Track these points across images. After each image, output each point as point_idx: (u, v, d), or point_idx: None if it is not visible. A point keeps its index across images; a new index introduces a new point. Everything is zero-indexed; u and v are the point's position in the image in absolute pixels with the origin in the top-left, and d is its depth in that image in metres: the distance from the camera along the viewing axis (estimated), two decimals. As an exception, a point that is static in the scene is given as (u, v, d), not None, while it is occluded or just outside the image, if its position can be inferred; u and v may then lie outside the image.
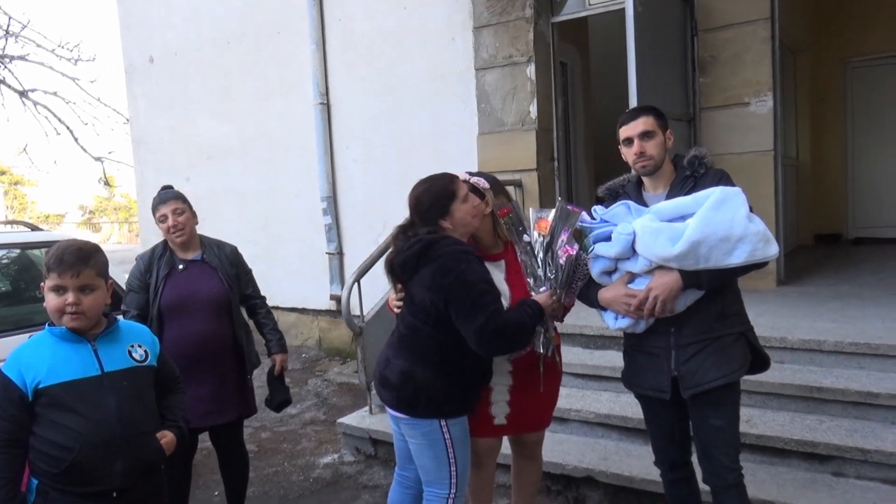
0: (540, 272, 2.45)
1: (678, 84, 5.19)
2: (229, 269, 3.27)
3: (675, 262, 2.22)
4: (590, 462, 3.50)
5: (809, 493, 3.02)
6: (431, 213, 2.44)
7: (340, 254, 6.84)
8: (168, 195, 3.21)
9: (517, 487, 2.94)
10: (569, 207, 2.41)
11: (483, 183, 2.65)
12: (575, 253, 2.36)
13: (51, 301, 2.00)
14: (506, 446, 2.91)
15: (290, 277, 7.19)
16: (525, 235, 2.51)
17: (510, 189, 5.50)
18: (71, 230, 27.91)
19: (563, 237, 2.38)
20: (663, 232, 2.23)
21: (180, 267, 3.15)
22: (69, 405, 1.95)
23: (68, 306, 1.98)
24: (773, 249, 2.22)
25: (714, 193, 2.22)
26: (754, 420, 3.43)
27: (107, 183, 15.84)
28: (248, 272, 3.46)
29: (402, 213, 2.86)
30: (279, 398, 3.44)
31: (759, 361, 2.47)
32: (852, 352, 3.62)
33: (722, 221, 2.17)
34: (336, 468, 4.19)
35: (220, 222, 7.72)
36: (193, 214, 3.24)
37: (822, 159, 8.16)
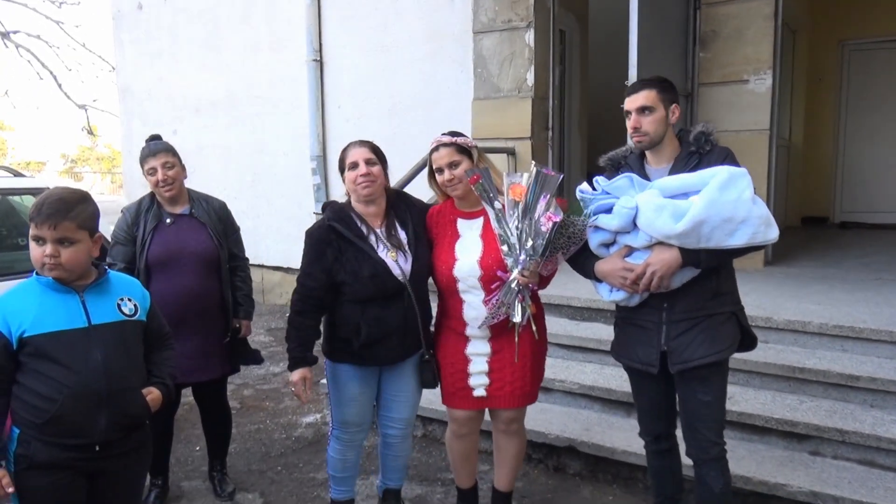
0: (514, 240, 2.39)
1: (678, 58, 5.13)
2: (218, 224, 3.20)
3: (676, 239, 2.21)
4: (572, 432, 3.52)
5: (787, 471, 3.06)
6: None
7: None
8: (158, 147, 3.12)
9: (497, 462, 2.95)
10: (545, 171, 2.33)
11: (470, 142, 2.66)
12: (559, 220, 2.32)
13: (32, 251, 1.96)
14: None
15: (276, 236, 7.12)
16: (496, 202, 2.45)
17: (502, 157, 5.46)
18: (52, 178, 27.46)
19: (543, 203, 2.33)
20: (667, 208, 2.21)
21: (168, 221, 3.08)
22: (54, 356, 1.92)
23: (46, 258, 1.93)
24: (773, 233, 2.23)
25: (720, 173, 2.20)
26: (736, 397, 3.46)
27: (90, 132, 15.55)
28: (237, 230, 3.39)
29: (393, 175, 2.83)
30: (247, 359, 3.40)
31: (747, 341, 2.48)
32: (836, 334, 3.65)
33: (727, 202, 2.16)
34: (318, 428, 4.20)
35: (206, 177, 7.59)
36: (183, 168, 3.16)
37: (813, 141, 8.16)
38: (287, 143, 7.02)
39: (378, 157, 2.67)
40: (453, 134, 2.66)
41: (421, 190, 4.95)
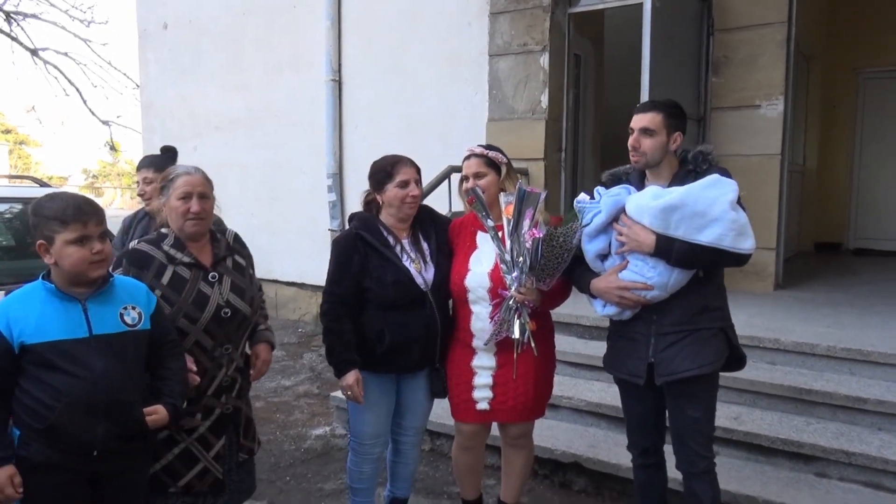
0: (508, 257, 2.49)
1: (691, 82, 5.20)
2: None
3: (648, 215, 2.29)
4: (578, 448, 3.55)
5: (792, 492, 3.07)
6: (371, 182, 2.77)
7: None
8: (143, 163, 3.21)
9: (504, 474, 2.99)
10: (527, 189, 2.44)
11: (501, 157, 2.75)
12: (541, 236, 2.39)
13: (73, 254, 1.92)
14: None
15: (292, 252, 7.22)
16: (489, 220, 2.56)
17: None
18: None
19: (528, 220, 2.42)
20: (651, 191, 2.35)
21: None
22: (54, 364, 1.91)
23: (96, 255, 1.93)
24: (745, 243, 2.26)
25: (710, 176, 2.30)
26: (743, 417, 3.48)
27: (112, 147, 15.85)
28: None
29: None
30: None
31: (735, 359, 2.51)
32: (844, 357, 3.66)
33: (705, 198, 2.24)
34: (327, 440, 4.25)
35: (225, 194, 7.71)
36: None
37: (828, 167, 8.17)
38: (304, 161, 7.14)
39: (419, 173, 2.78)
40: (489, 147, 2.76)
41: (436, 206, 5.05)
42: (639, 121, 2.43)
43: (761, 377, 3.59)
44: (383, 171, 2.71)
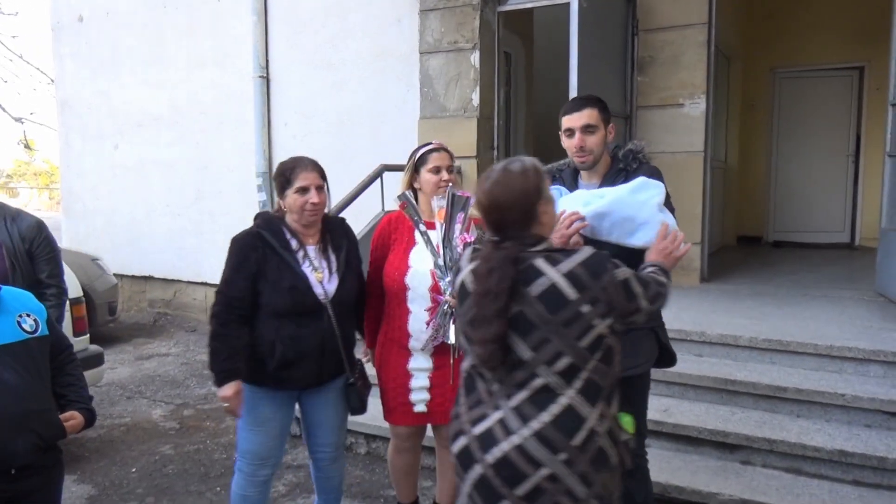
0: (441, 262, 2.47)
1: (617, 81, 5.30)
2: (19, 244, 2.92)
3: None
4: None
5: (719, 480, 3.16)
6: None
7: (274, 231, 6.71)
8: None
9: (440, 475, 2.97)
10: (458, 193, 2.43)
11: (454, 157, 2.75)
12: (472, 240, 2.37)
13: None
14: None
15: (221, 254, 6.87)
16: (421, 225, 2.54)
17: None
18: (-15, 193, 26.43)
19: (459, 224, 2.41)
20: (581, 197, 2.30)
21: None
22: None
23: None
24: None
25: (637, 180, 2.30)
26: (672, 410, 3.57)
27: (27, 146, 15.07)
28: (50, 252, 3.01)
29: (339, 192, 2.85)
30: None
31: (666, 357, 2.54)
32: (765, 347, 3.80)
33: (632, 203, 2.24)
34: (260, 448, 4.13)
35: (148, 193, 7.49)
36: None
37: (748, 163, 8.51)
38: (232, 159, 6.95)
39: (325, 180, 2.58)
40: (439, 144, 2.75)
41: (367, 205, 4.99)
42: (578, 119, 2.40)
43: (689, 370, 3.69)
44: (283, 176, 2.54)
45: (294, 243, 2.55)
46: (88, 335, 4.19)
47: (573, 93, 4.50)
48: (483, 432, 1.71)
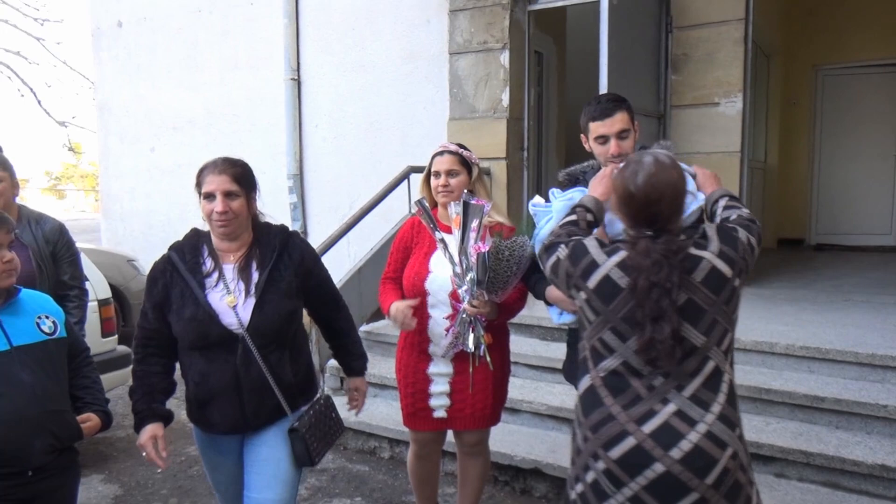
0: (458, 269, 2.41)
1: (650, 80, 5.18)
2: (44, 246, 2.94)
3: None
4: (538, 454, 3.49)
5: (751, 494, 3.04)
6: None
7: (305, 233, 6.74)
8: None
9: (460, 483, 2.91)
10: (472, 202, 2.36)
11: (473, 157, 2.67)
12: (486, 250, 2.32)
13: None
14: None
15: (252, 255, 7.06)
16: (437, 232, 2.49)
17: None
18: (34, 196, 27.23)
19: (473, 233, 2.35)
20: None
21: None
22: None
23: (6, 264, 1.94)
24: None
25: None
26: (703, 419, 3.45)
27: (71, 149, 15.49)
28: (72, 254, 3.04)
29: (368, 194, 2.80)
30: None
31: None
32: (803, 355, 3.65)
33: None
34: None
35: (183, 195, 7.57)
36: (14, 184, 2.90)
37: (789, 164, 8.25)
38: (264, 161, 6.97)
39: (242, 185, 2.17)
40: (460, 146, 2.68)
41: (395, 207, 4.96)
42: (611, 125, 2.29)
43: (721, 377, 3.56)
44: (198, 183, 2.19)
45: (209, 264, 2.18)
46: (117, 336, 4.23)
47: (603, 92, 4.40)
48: (657, 429, 1.68)
